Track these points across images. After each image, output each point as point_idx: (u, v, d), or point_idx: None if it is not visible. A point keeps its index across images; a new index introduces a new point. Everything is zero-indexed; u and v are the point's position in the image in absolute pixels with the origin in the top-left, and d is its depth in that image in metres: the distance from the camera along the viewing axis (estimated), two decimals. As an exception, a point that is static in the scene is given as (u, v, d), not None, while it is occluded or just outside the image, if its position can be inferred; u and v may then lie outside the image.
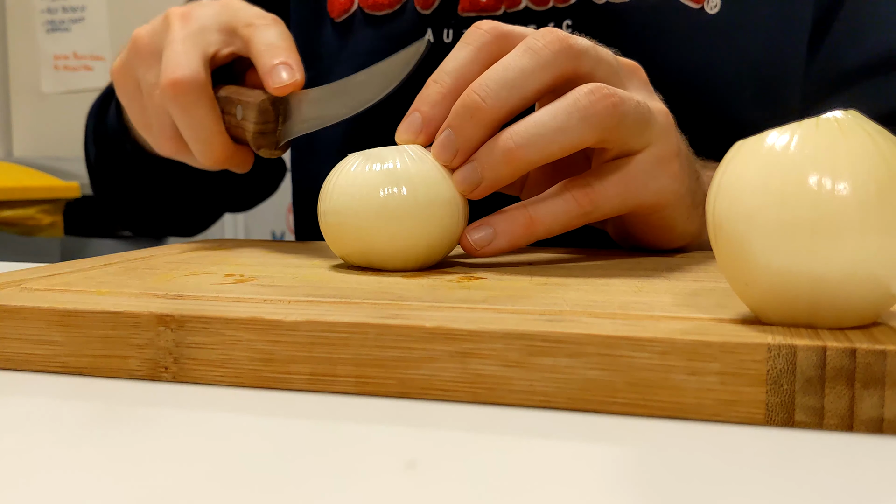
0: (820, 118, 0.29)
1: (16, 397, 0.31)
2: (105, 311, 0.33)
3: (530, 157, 0.40)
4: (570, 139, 0.40)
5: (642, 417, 0.28)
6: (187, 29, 0.52)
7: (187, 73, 0.50)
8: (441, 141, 0.42)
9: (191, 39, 0.51)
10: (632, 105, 0.41)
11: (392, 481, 0.23)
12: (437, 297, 0.35)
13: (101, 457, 0.25)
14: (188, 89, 0.50)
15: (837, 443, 0.26)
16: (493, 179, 0.41)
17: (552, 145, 0.40)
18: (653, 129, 0.43)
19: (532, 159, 0.40)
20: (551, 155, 0.40)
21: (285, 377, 0.31)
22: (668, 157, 0.44)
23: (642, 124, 0.42)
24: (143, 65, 0.53)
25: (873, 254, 0.27)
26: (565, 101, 0.40)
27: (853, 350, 0.26)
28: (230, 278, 0.41)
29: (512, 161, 0.40)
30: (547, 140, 0.40)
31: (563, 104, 0.40)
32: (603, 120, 0.40)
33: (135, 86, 0.55)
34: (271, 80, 0.49)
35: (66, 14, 2.76)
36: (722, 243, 0.30)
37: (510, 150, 0.40)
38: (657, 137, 0.44)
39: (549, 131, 0.40)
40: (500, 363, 0.29)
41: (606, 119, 0.40)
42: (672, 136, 0.45)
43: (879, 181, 0.27)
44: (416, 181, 0.41)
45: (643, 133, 0.43)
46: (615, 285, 0.38)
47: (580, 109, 0.40)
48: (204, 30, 0.52)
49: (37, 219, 2.13)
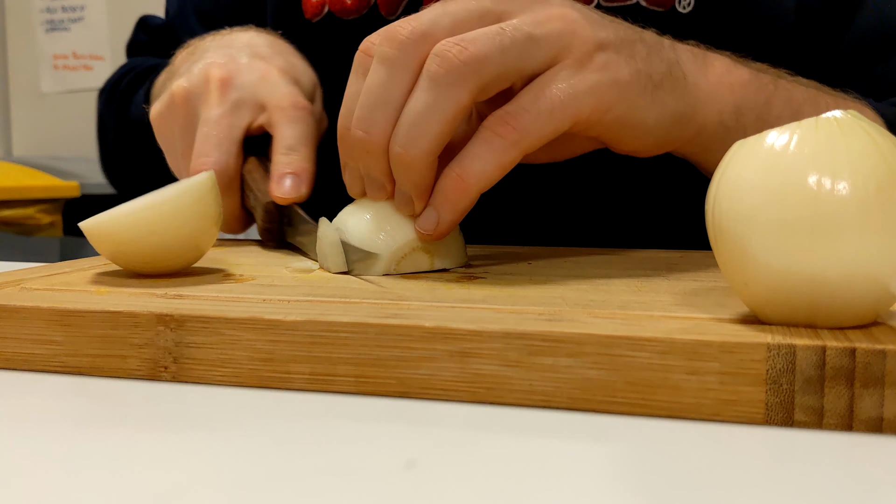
0: (819, 118, 0.29)
1: (15, 397, 0.31)
2: (104, 310, 0.33)
3: (477, 186, 0.40)
4: (508, 160, 0.40)
5: (642, 417, 0.28)
6: (224, 102, 0.53)
7: (217, 166, 0.52)
8: (398, 202, 0.42)
9: (226, 119, 0.53)
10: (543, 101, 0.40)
11: (392, 481, 0.23)
12: (436, 297, 0.35)
13: (100, 456, 0.25)
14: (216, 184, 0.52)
15: (837, 442, 0.26)
16: (450, 213, 0.41)
17: (494, 173, 0.40)
18: (550, 48, 0.41)
19: (480, 186, 0.40)
20: (494, 178, 0.40)
21: (285, 377, 0.31)
22: (584, 55, 0.41)
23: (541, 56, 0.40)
24: (178, 123, 0.55)
25: (873, 253, 0.27)
26: (480, 131, 0.40)
27: (853, 350, 0.26)
28: (230, 278, 0.41)
29: (464, 190, 0.40)
30: (487, 171, 0.40)
31: (478, 135, 0.40)
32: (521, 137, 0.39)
33: (171, 137, 0.57)
34: (276, 188, 0.51)
35: (65, 14, 2.76)
36: (722, 243, 0.30)
37: (458, 185, 0.40)
38: (560, 47, 0.41)
39: (485, 163, 0.40)
40: (500, 363, 0.29)
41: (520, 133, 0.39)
42: (581, 33, 0.41)
43: (879, 181, 0.27)
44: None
45: (542, 62, 0.41)
46: (615, 285, 0.38)
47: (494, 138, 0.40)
48: (240, 104, 0.53)
49: (36, 218, 2.13)
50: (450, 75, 0.39)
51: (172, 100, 0.55)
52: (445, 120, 0.39)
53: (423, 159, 0.40)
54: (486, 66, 0.39)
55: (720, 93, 0.46)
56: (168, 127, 0.56)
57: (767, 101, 0.48)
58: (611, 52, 0.42)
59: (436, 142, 0.40)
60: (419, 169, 0.40)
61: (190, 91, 0.54)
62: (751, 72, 0.48)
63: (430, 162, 0.40)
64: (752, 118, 0.47)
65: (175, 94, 0.55)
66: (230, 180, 0.53)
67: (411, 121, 0.40)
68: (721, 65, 0.47)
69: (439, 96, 0.39)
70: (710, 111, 0.46)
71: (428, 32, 0.40)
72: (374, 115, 0.40)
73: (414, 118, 0.39)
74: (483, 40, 0.39)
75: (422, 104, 0.39)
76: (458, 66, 0.39)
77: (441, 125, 0.39)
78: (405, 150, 0.40)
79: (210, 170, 0.47)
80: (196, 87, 0.54)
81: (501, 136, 0.40)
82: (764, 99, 0.48)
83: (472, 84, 0.39)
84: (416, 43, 0.40)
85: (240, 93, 0.54)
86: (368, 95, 0.41)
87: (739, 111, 0.47)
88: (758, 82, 0.48)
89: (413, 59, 0.40)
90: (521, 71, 0.41)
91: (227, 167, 0.52)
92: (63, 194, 2.16)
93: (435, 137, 0.40)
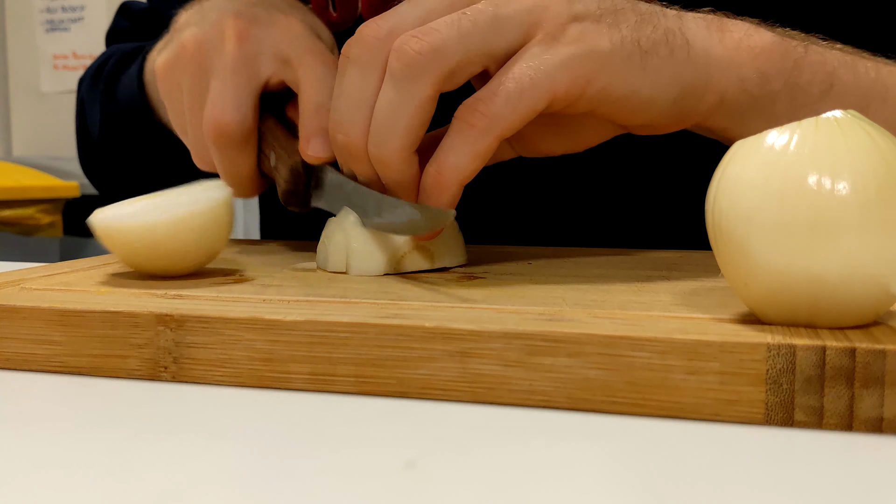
0: (819, 118, 0.29)
1: (15, 397, 0.31)
2: (104, 310, 0.33)
3: (456, 179, 0.40)
4: (482, 149, 0.39)
5: (642, 417, 0.28)
6: (243, 52, 0.49)
7: (234, 118, 0.48)
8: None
9: (244, 70, 0.49)
10: (510, 84, 0.39)
11: (392, 481, 0.23)
12: (436, 297, 0.35)
13: (100, 456, 0.25)
14: (232, 136, 0.48)
15: (837, 442, 0.26)
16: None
17: (470, 164, 0.39)
18: (519, 26, 0.39)
19: (460, 179, 0.40)
20: (472, 169, 0.40)
21: (285, 377, 0.31)
22: (556, 28, 0.39)
23: (508, 43, 0.39)
24: (188, 74, 0.51)
25: (873, 253, 0.27)
26: (452, 122, 0.40)
27: (853, 349, 0.26)
28: (229, 278, 0.41)
29: (443, 185, 0.40)
30: (462, 162, 0.39)
31: (451, 126, 0.40)
32: (491, 126, 0.39)
33: (178, 89, 0.53)
34: (307, 147, 0.47)
35: (65, 14, 2.76)
36: (722, 243, 0.30)
37: (437, 181, 0.40)
38: (530, 23, 0.40)
39: (459, 155, 0.39)
40: (500, 363, 0.29)
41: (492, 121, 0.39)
42: (553, 7, 0.40)
43: (879, 181, 0.27)
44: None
45: (513, 41, 0.40)
46: (615, 285, 0.38)
47: (466, 129, 0.39)
48: (258, 56, 0.49)
49: (36, 218, 2.14)
50: (408, 69, 0.38)
51: (183, 49, 0.50)
52: (411, 114, 0.39)
53: (397, 155, 0.40)
54: (445, 55, 0.38)
55: (739, 58, 0.43)
56: (175, 78, 0.52)
57: (797, 64, 0.45)
58: (588, 22, 0.40)
59: (407, 137, 0.39)
60: (396, 165, 0.40)
61: (203, 40, 0.50)
62: (775, 35, 0.44)
63: (406, 157, 0.40)
64: (779, 84, 0.44)
65: (186, 43, 0.50)
66: (246, 137, 0.49)
67: (381, 120, 0.40)
68: (740, 29, 0.44)
69: (402, 92, 0.39)
70: (728, 79, 0.43)
71: (394, 29, 0.40)
72: (352, 118, 0.40)
73: (382, 117, 0.39)
74: (441, 29, 0.39)
75: (387, 102, 0.39)
76: (415, 59, 0.38)
77: (408, 119, 0.39)
78: (379, 149, 0.40)
79: (226, 124, 0.46)
80: (210, 36, 0.50)
81: (472, 125, 0.39)
82: (792, 63, 0.44)
83: (433, 75, 0.39)
84: (382, 41, 0.40)
85: (259, 44, 0.49)
86: (344, 98, 0.41)
87: (765, 77, 0.44)
88: (784, 46, 0.45)
89: (380, 58, 0.40)
90: (490, 54, 0.39)
91: (245, 122, 0.48)
92: (63, 194, 2.16)
93: (404, 133, 0.39)
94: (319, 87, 0.48)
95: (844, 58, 0.46)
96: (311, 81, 0.49)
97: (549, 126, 0.44)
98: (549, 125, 0.44)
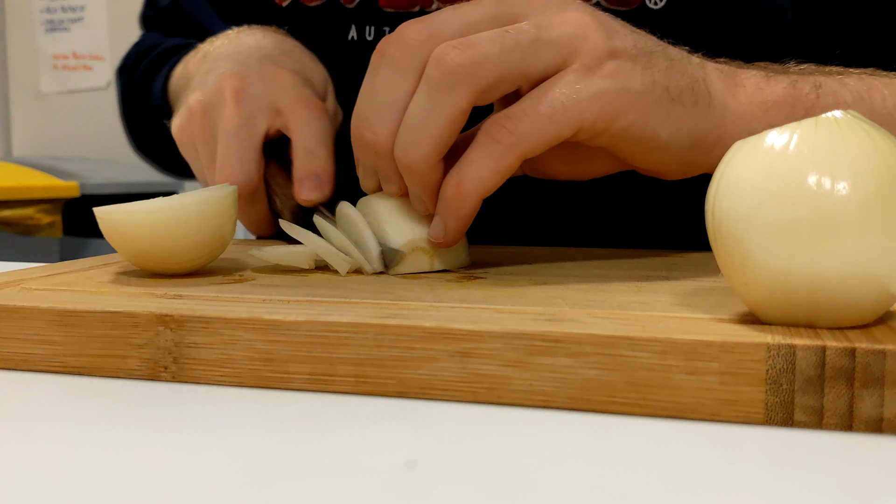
0: (819, 118, 0.29)
1: (15, 397, 0.31)
2: (104, 310, 0.33)
3: (476, 192, 0.40)
4: (505, 165, 0.40)
5: (642, 417, 0.28)
6: (240, 113, 0.54)
7: (241, 179, 0.53)
8: (413, 200, 0.43)
9: (244, 130, 0.54)
10: (542, 106, 0.39)
11: (392, 481, 0.23)
12: (436, 297, 0.35)
13: (100, 456, 0.25)
14: (242, 194, 0.53)
15: (837, 442, 0.26)
16: (454, 221, 0.41)
17: (491, 178, 0.40)
18: (558, 52, 0.40)
19: (480, 192, 0.40)
20: (493, 183, 0.40)
21: (285, 377, 0.31)
22: (593, 61, 0.40)
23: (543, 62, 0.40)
24: (200, 137, 0.56)
25: (872, 253, 0.27)
26: (478, 136, 0.40)
27: (852, 350, 0.26)
28: (229, 278, 0.41)
29: (463, 198, 0.40)
30: (484, 176, 0.40)
31: (476, 140, 0.40)
32: (519, 141, 0.39)
33: (193, 149, 0.58)
34: (299, 191, 0.53)
35: (65, 14, 2.76)
36: (722, 243, 0.30)
37: (457, 193, 0.40)
38: (569, 51, 0.40)
39: (481, 168, 0.40)
40: (500, 363, 0.29)
41: (519, 138, 0.39)
42: (593, 38, 0.40)
43: (879, 181, 0.27)
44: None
45: (550, 65, 0.40)
46: (614, 285, 0.38)
47: (491, 143, 0.39)
48: (255, 113, 0.55)
49: (36, 218, 2.13)
50: (446, 79, 0.39)
51: (191, 114, 0.57)
52: (443, 124, 0.39)
53: (424, 162, 0.40)
54: (484, 70, 0.39)
55: (751, 113, 0.44)
56: (189, 140, 0.58)
57: (808, 113, 0.45)
58: (624, 60, 0.41)
59: (435, 146, 0.40)
60: (421, 172, 0.40)
61: (206, 104, 0.56)
62: (787, 85, 0.45)
63: (433, 164, 0.40)
64: None
65: (193, 109, 0.57)
66: (255, 189, 0.55)
67: (411, 125, 0.40)
68: (752, 83, 0.45)
69: (436, 100, 0.39)
70: (739, 133, 0.43)
71: (434, 34, 0.40)
72: (382, 116, 0.41)
73: (413, 123, 0.40)
74: (483, 43, 0.39)
75: (420, 108, 0.40)
76: (454, 70, 0.39)
77: (439, 129, 0.39)
78: (406, 155, 0.40)
79: (235, 184, 0.50)
80: (211, 99, 0.56)
81: (497, 141, 0.39)
82: (803, 112, 0.45)
83: (469, 88, 0.39)
84: (421, 45, 0.40)
85: (254, 101, 0.55)
86: (376, 97, 0.41)
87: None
88: (795, 96, 0.45)
89: (417, 62, 0.40)
90: (526, 74, 0.40)
91: (251, 178, 0.54)
92: (63, 194, 2.16)
93: (433, 142, 0.40)
94: (307, 133, 0.54)
95: (860, 89, 0.47)
96: (300, 128, 0.54)
97: (562, 152, 0.45)
98: (562, 151, 0.44)
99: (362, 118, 0.42)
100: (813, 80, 0.46)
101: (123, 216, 0.40)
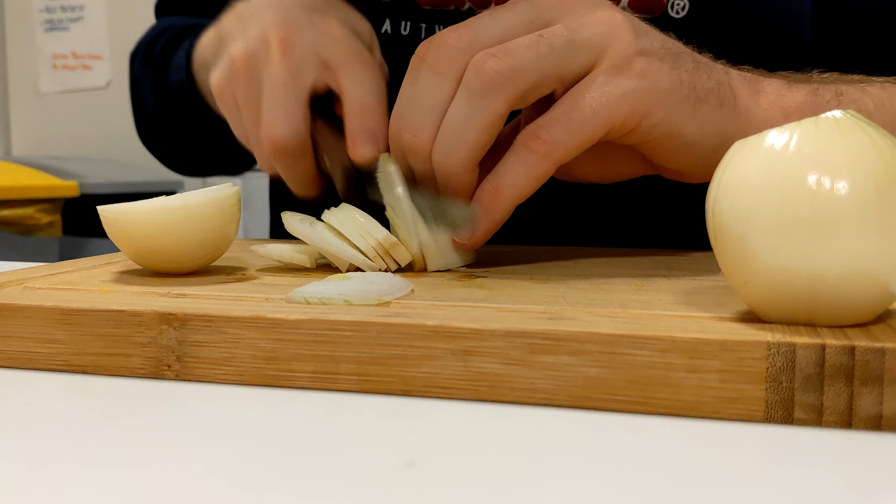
0: (819, 118, 0.29)
1: (19, 396, 0.31)
2: (108, 309, 0.33)
3: (512, 198, 0.41)
4: (541, 173, 0.41)
5: (643, 415, 0.28)
6: (287, 64, 0.51)
7: (288, 132, 0.50)
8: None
9: (291, 83, 0.51)
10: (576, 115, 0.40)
11: (393, 479, 0.23)
12: (438, 296, 0.35)
13: (103, 455, 0.25)
14: (288, 149, 0.51)
15: (836, 440, 0.26)
16: (486, 223, 0.43)
17: (527, 186, 0.41)
18: (590, 52, 0.41)
19: (515, 198, 0.42)
20: (528, 190, 0.42)
21: (288, 375, 0.31)
22: (623, 61, 0.41)
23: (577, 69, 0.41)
24: (242, 89, 0.53)
25: (872, 252, 0.27)
26: (513, 145, 0.41)
27: (852, 348, 0.26)
28: (232, 276, 0.41)
29: (499, 202, 0.42)
30: (520, 184, 0.41)
31: (512, 149, 0.41)
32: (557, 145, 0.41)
33: (234, 104, 0.55)
34: (354, 148, 0.50)
35: (64, 13, 2.76)
36: (722, 242, 0.30)
37: (493, 198, 0.42)
38: (599, 50, 0.41)
39: (518, 176, 0.41)
40: (502, 361, 0.29)
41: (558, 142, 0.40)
42: (623, 38, 0.41)
43: (878, 181, 0.27)
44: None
45: (583, 66, 0.41)
46: (615, 283, 0.38)
47: (526, 152, 0.41)
48: (303, 64, 0.52)
49: (35, 218, 2.13)
50: (485, 86, 0.40)
51: (233, 66, 0.53)
52: (481, 129, 0.41)
53: (461, 167, 0.41)
54: (522, 76, 0.40)
55: (773, 118, 0.45)
56: (230, 93, 0.55)
57: None
58: (652, 59, 0.42)
59: (473, 151, 0.41)
60: (459, 175, 0.42)
61: (250, 55, 0.52)
62: (808, 92, 0.46)
63: (469, 169, 0.42)
64: None
65: (235, 60, 0.53)
66: (303, 145, 0.51)
67: (450, 131, 0.41)
68: (774, 89, 0.46)
69: (475, 107, 0.40)
70: None
71: (474, 41, 0.41)
72: (422, 120, 0.42)
73: (453, 128, 0.41)
74: (519, 50, 0.40)
75: (459, 114, 0.41)
76: (492, 77, 0.40)
77: (477, 134, 0.41)
78: (444, 159, 0.42)
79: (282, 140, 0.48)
80: (256, 50, 0.52)
81: (533, 150, 0.41)
82: None
83: (507, 94, 0.40)
84: (461, 51, 0.41)
85: (302, 52, 0.52)
86: (416, 100, 0.42)
87: None
88: (816, 103, 0.46)
89: (457, 67, 0.41)
90: (561, 77, 0.41)
91: (299, 133, 0.51)
92: (62, 194, 2.16)
93: (472, 147, 0.41)
94: (360, 87, 0.51)
95: (882, 97, 0.48)
96: (352, 84, 0.51)
97: (591, 154, 0.45)
98: (590, 153, 0.45)
99: (403, 120, 0.43)
100: (834, 88, 0.47)
101: (127, 215, 0.40)
